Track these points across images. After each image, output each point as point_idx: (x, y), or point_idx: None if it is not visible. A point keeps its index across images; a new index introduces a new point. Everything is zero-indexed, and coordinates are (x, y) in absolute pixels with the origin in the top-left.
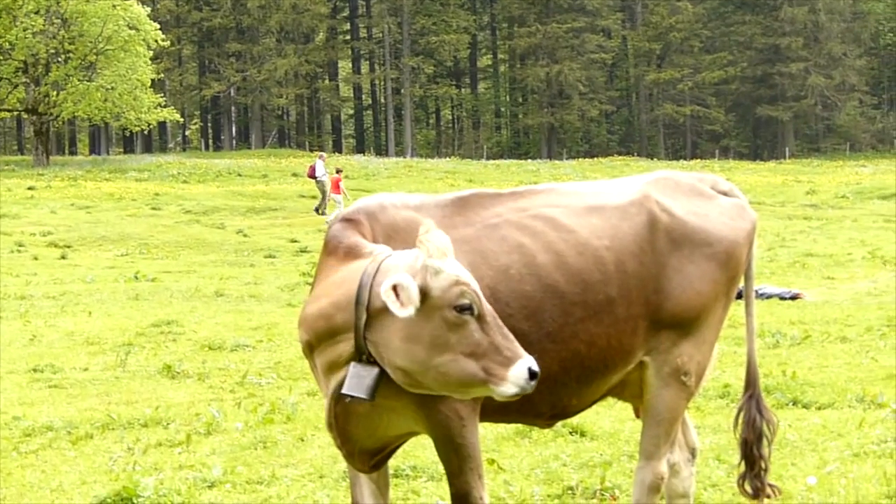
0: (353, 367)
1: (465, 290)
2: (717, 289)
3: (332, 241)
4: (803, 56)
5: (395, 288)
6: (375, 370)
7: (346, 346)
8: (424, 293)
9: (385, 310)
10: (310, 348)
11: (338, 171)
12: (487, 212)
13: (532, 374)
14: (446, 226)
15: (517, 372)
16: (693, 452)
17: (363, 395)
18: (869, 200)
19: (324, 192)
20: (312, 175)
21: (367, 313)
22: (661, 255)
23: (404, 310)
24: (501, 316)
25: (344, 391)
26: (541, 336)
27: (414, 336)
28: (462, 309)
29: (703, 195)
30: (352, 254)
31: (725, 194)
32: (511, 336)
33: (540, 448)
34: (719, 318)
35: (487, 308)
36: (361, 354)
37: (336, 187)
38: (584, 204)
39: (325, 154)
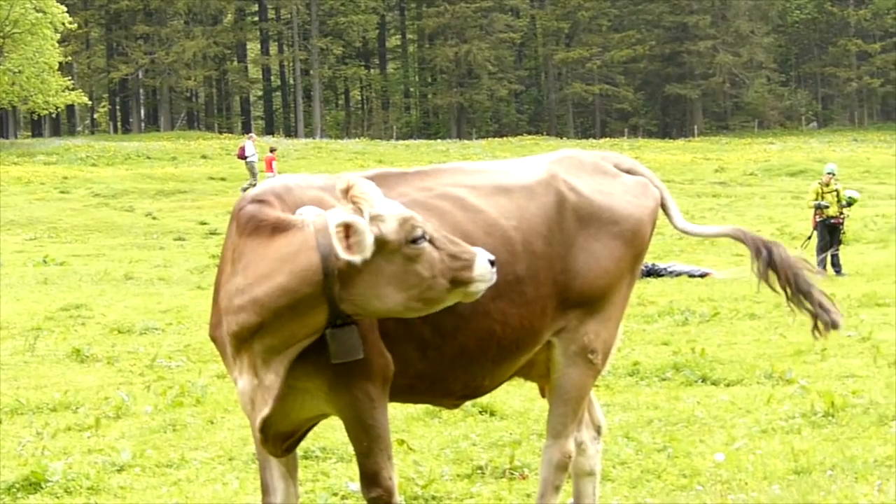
0: (331, 335)
1: (413, 222)
2: (622, 267)
3: (252, 220)
4: (711, 34)
5: (346, 227)
6: (353, 328)
7: (311, 318)
8: (382, 241)
9: (352, 269)
10: (252, 332)
11: (272, 151)
12: (393, 192)
13: (491, 263)
14: None
15: (481, 269)
16: (599, 430)
17: (357, 355)
18: (777, 177)
19: (253, 173)
20: (242, 156)
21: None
22: (568, 234)
23: (351, 254)
24: None
25: (334, 360)
26: (454, 316)
27: (386, 282)
28: (417, 240)
29: (608, 173)
30: (281, 228)
31: (628, 172)
32: (459, 240)
33: (450, 428)
34: (625, 295)
35: (431, 227)
36: (336, 319)
37: (269, 166)
38: (491, 184)
39: (254, 135)
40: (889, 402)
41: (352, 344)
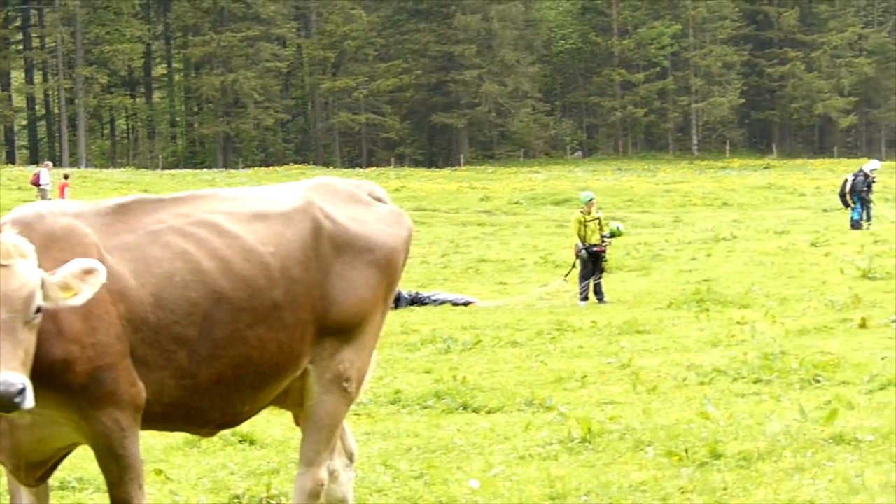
0: None
1: None
2: (377, 295)
3: None
4: (477, 63)
5: None
6: None
7: None
8: None
9: None
10: None
11: (65, 177)
12: (150, 218)
13: None
14: (107, 233)
15: None
16: (351, 458)
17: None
18: (542, 206)
19: (45, 200)
20: (36, 183)
21: None
22: (325, 261)
23: None
24: (167, 323)
25: None
26: (210, 342)
27: None
28: None
29: (362, 202)
30: None
31: (380, 200)
32: (9, 343)
33: (208, 457)
34: (378, 324)
35: None
36: None
37: (62, 192)
38: (247, 210)
39: (50, 163)
40: (645, 427)
41: None
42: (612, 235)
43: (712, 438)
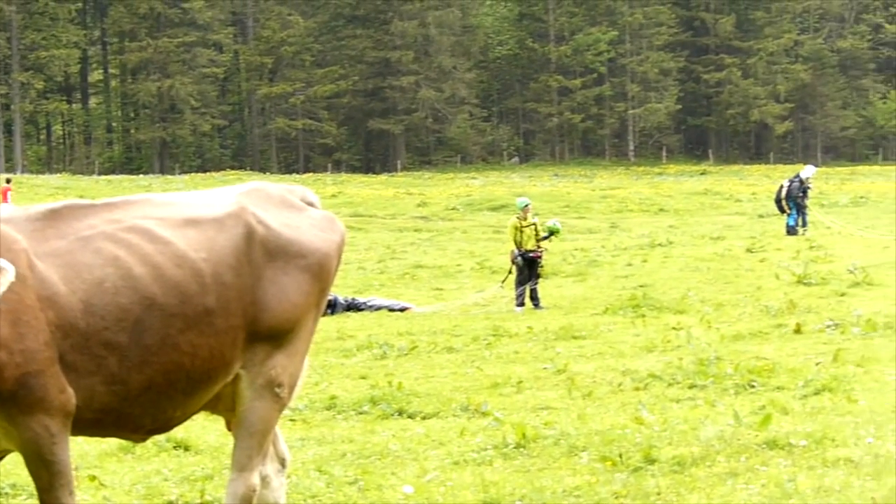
0: None
1: None
2: (309, 300)
3: None
4: (414, 69)
5: None
6: None
7: None
8: None
9: None
10: None
11: (8, 181)
12: (81, 224)
13: None
14: (38, 238)
15: None
16: (283, 463)
17: None
18: (479, 212)
19: None
20: None
21: None
22: (257, 266)
23: None
24: (97, 329)
25: None
26: (141, 348)
27: None
28: None
29: (294, 207)
30: None
31: (311, 205)
32: None
33: (143, 463)
34: (311, 329)
35: None
36: None
37: (4, 196)
38: (180, 216)
39: None
40: (580, 432)
41: None
42: (551, 233)
43: (646, 444)
